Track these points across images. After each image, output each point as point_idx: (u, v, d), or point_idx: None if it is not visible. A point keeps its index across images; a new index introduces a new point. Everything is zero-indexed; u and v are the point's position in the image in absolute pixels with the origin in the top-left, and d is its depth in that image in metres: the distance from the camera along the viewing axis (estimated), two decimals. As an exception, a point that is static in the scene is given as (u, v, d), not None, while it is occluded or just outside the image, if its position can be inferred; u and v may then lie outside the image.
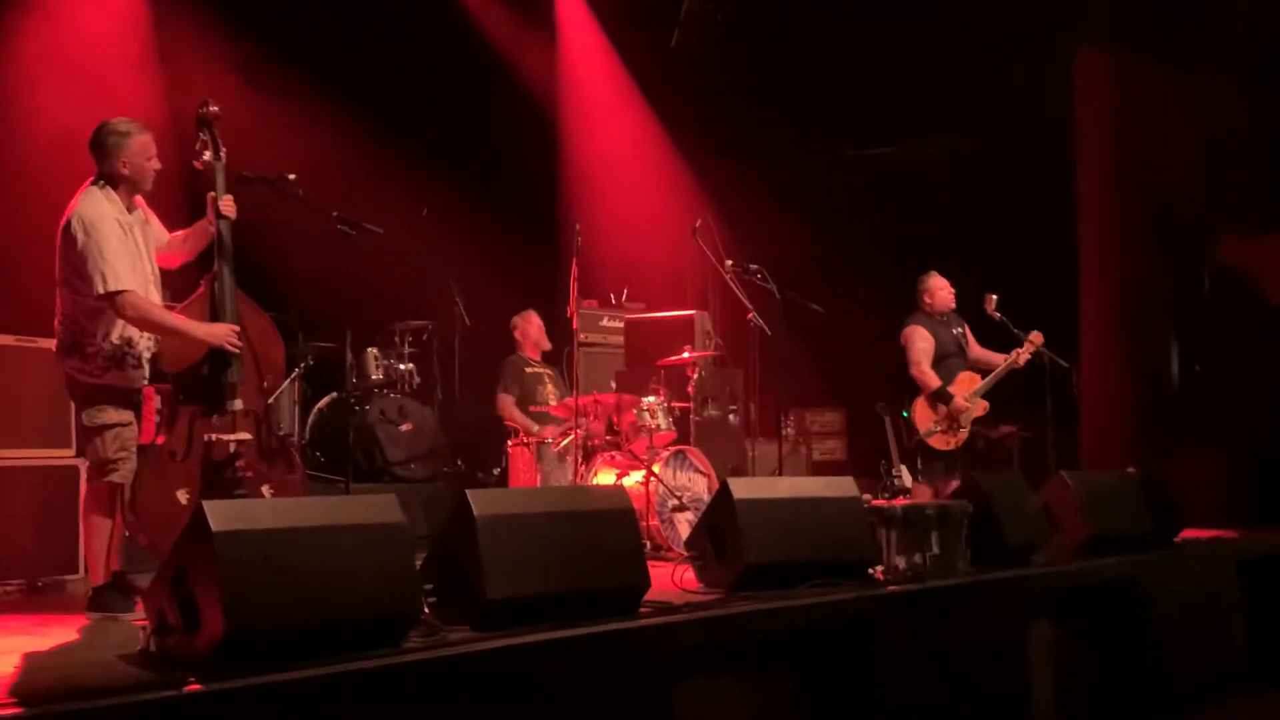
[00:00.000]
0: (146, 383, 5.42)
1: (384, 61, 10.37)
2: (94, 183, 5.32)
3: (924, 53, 10.90)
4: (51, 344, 5.69)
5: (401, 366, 9.27)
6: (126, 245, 5.27)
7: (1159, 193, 10.56)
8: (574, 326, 7.92)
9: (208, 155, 5.59)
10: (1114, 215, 10.61)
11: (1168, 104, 10.49)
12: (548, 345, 9.01)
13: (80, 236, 5.15)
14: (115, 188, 5.33)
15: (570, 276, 7.72)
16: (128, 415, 5.30)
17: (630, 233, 11.20)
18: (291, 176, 5.71)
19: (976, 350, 8.56)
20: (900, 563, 5.68)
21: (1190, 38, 10.18)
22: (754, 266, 8.19)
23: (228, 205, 5.53)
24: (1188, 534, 7.52)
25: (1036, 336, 8.40)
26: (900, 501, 6.09)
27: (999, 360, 8.43)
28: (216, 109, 5.64)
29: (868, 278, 11.12)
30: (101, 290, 5.13)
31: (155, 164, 5.40)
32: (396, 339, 9.48)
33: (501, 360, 8.90)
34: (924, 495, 8.15)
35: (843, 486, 5.77)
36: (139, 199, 5.45)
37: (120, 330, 5.28)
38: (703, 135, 12.13)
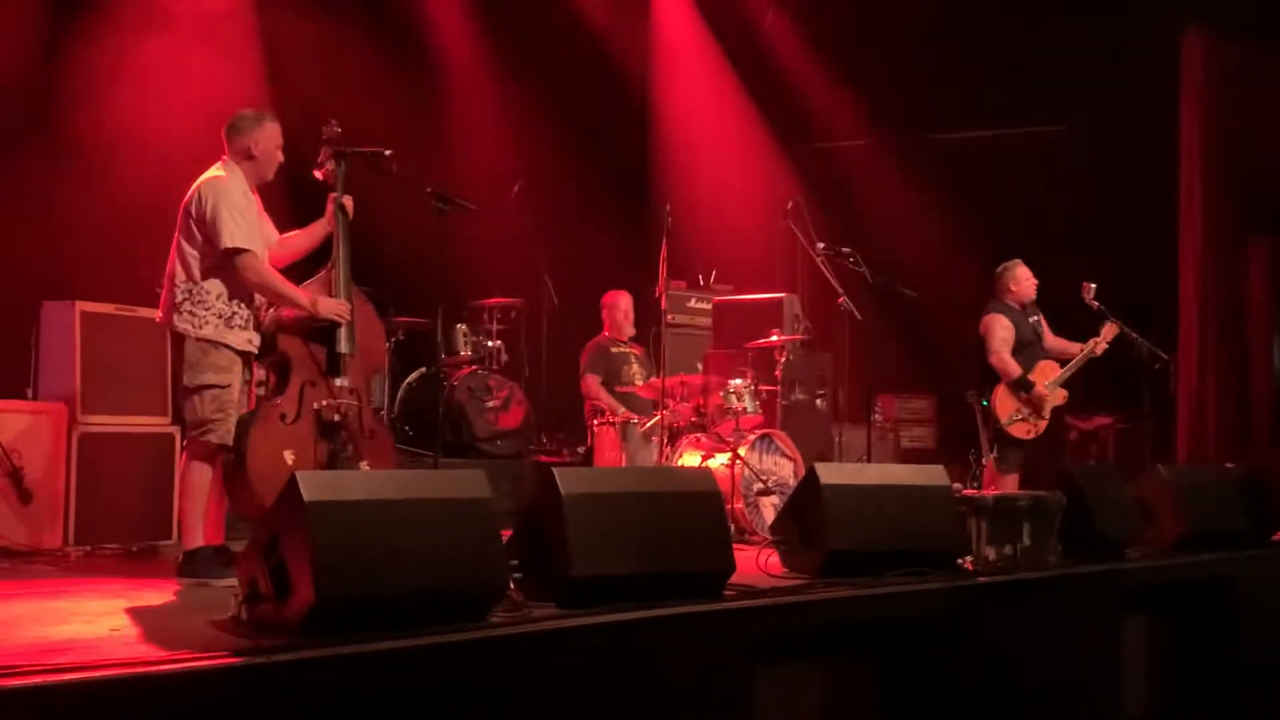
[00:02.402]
0: (254, 350, 5.56)
1: (479, 38, 10.41)
2: (224, 161, 5.54)
3: (1025, 34, 10.71)
4: (153, 313, 5.80)
5: (489, 343, 9.31)
6: (250, 215, 5.47)
7: (1264, 184, 10.28)
8: (662, 307, 7.89)
9: (330, 165, 5.81)
10: (1216, 205, 10.36)
11: (1274, 92, 10.22)
12: (633, 330, 8.96)
13: (210, 198, 5.36)
14: (243, 167, 5.54)
15: (659, 257, 7.68)
16: (228, 378, 5.42)
17: (719, 214, 11.14)
18: (388, 152, 5.80)
19: (1051, 340, 8.32)
20: (990, 553, 5.59)
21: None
22: (846, 250, 8.10)
23: (348, 203, 5.79)
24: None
25: (1109, 330, 8.17)
26: (991, 491, 5.99)
27: (1075, 349, 8.20)
28: (340, 130, 5.86)
29: (962, 263, 10.97)
30: (228, 244, 5.31)
31: (280, 155, 5.63)
32: (485, 315, 9.52)
33: (588, 339, 8.90)
34: (1007, 485, 7.99)
35: (933, 475, 5.68)
36: (256, 196, 5.61)
37: (233, 290, 5.43)
38: (795, 116, 12.04)
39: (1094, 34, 10.30)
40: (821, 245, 8.27)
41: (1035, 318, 8.30)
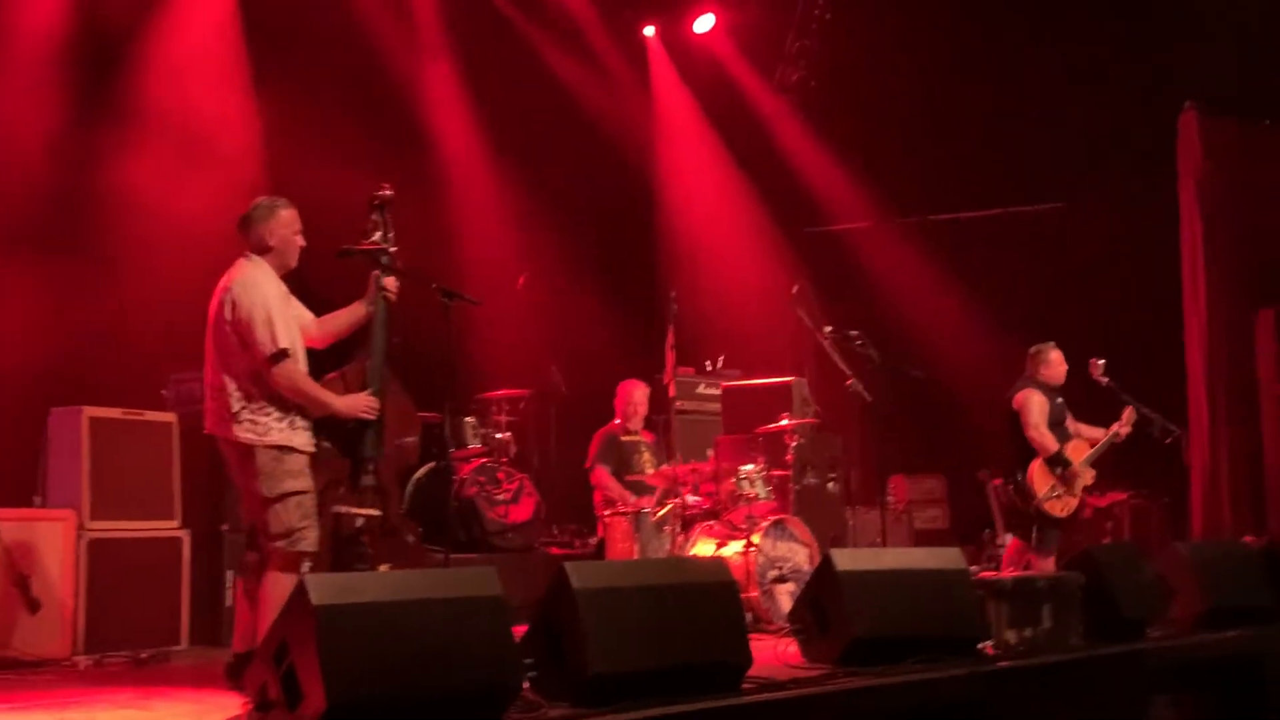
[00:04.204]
0: (315, 450, 5.32)
1: (481, 131, 10.50)
2: (247, 256, 5.36)
3: (1027, 115, 10.81)
4: (159, 416, 5.75)
5: (498, 435, 9.27)
6: (285, 311, 5.30)
7: (1267, 257, 10.30)
8: (670, 394, 7.87)
9: (377, 236, 5.62)
10: (1220, 278, 10.35)
11: (1276, 168, 10.30)
12: (637, 426, 8.86)
13: (244, 301, 5.16)
14: (266, 259, 5.35)
15: (666, 344, 7.68)
16: (306, 482, 5.20)
17: (726, 299, 11.16)
18: (393, 249, 5.70)
19: (1071, 424, 8.30)
20: (1011, 637, 5.51)
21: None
22: (853, 332, 8.09)
23: (391, 284, 5.58)
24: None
25: (1128, 414, 8.16)
26: (1010, 573, 5.93)
27: (1096, 433, 8.19)
28: (390, 193, 5.68)
29: (969, 342, 10.98)
30: (271, 349, 5.11)
31: (301, 240, 5.43)
32: (493, 407, 9.49)
33: (597, 429, 8.86)
34: (1047, 566, 7.84)
35: (950, 558, 5.63)
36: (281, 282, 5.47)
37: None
38: (798, 200, 12.12)
39: (1094, 114, 10.40)
40: (828, 328, 8.27)
41: (1060, 399, 8.27)
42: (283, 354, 5.13)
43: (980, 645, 5.46)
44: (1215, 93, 10.18)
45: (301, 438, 5.25)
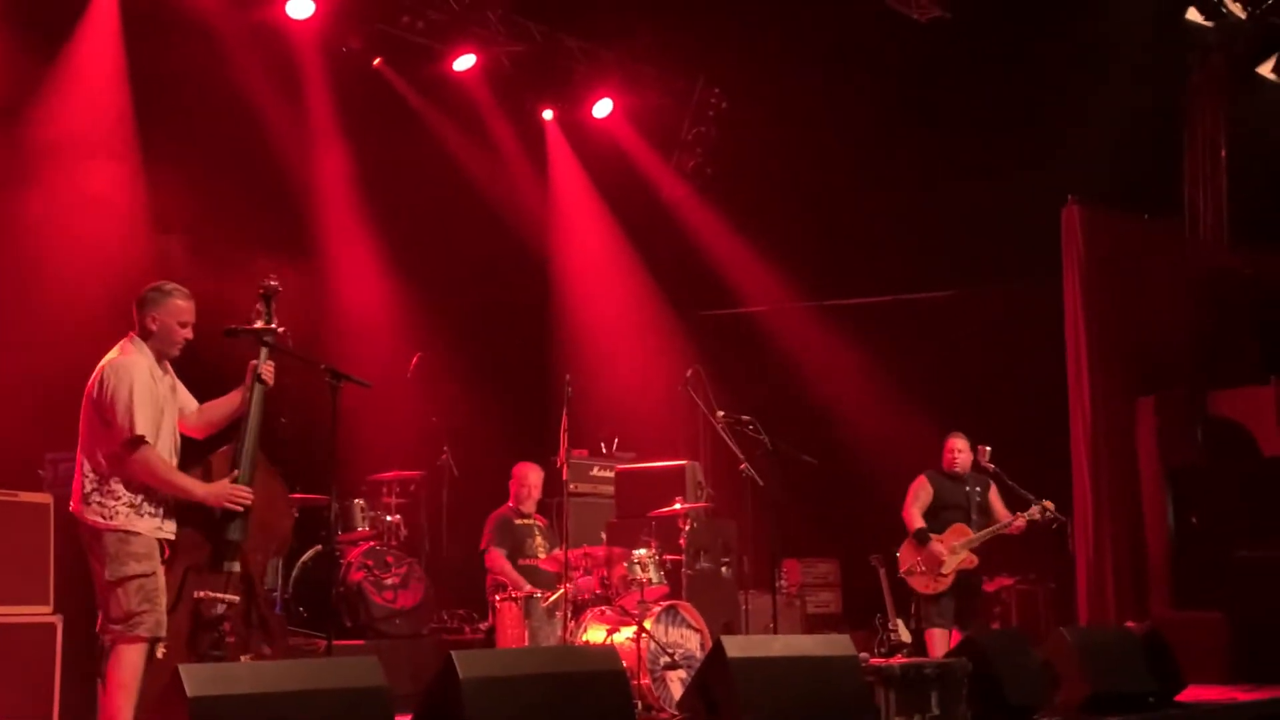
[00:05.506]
0: (169, 537, 5.34)
1: (374, 211, 10.45)
2: (131, 338, 5.39)
3: (919, 204, 11.07)
4: (35, 498, 5.59)
5: (388, 518, 9.13)
6: (153, 396, 5.29)
7: (1146, 346, 10.62)
8: (564, 477, 7.82)
9: (259, 324, 5.66)
10: (1103, 367, 10.61)
11: (1155, 260, 10.67)
12: (530, 509, 8.81)
13: (111, 382, 5.21)
14: (147, 344, 5.38)
15: (560, 426, 7.65)
16: (150, 565, 5.20)
17: (620, 382, 11.18)
18: (280, 329, 5.69)
19: (1000, 511, 8.64)
20: (900, 724, 5.54)
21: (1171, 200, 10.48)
22: (745, 417, 8.15)
23: (268, 371, 5.61)
24: (1190, 691, 7.35)
25: (1045, 505, 8.44)
26: (899, 660, 5.96)
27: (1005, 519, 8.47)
28: (278, 284, 5.73)
29: (862, 426, 11.10)
30: (126, 434, 5.15)
31: (187, 332, 5.45)
32: (384, 490, 9.36)
33: (489, 511, 8.77)
34: (933, 639, 8.10)
35: (839, 645, 5.64)
36: (168, 365, 5.48)
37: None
38: (694, 284, 12.22)
39: (982, 205, 10.68)
40: (721, 413, 8.32)
41: (976, 487, 8.62)
42: (138, 440, 5.16)
43: (869, 733, 5.47)
44: (1097, 187, 10.53)
45: (147, 524, 5.25)
